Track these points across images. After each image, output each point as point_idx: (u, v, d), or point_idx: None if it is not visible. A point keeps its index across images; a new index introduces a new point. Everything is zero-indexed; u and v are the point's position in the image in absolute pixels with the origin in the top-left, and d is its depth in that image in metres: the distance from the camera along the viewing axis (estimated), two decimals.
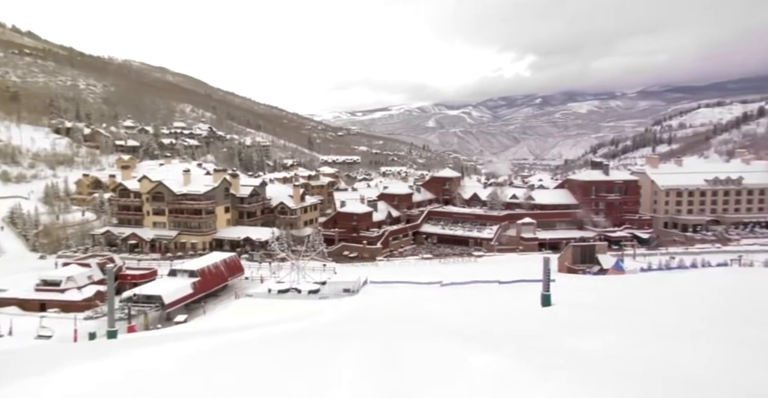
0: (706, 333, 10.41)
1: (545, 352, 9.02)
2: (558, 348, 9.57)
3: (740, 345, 8.79)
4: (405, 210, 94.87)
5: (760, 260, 67.09)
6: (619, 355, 8.29)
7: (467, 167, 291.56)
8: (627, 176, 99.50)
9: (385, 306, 36.26)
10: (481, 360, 7.82)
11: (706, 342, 9.14)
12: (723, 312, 15.16)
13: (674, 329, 11.20)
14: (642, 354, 8.28)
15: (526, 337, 11.79)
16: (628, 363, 7.58)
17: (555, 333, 11.85)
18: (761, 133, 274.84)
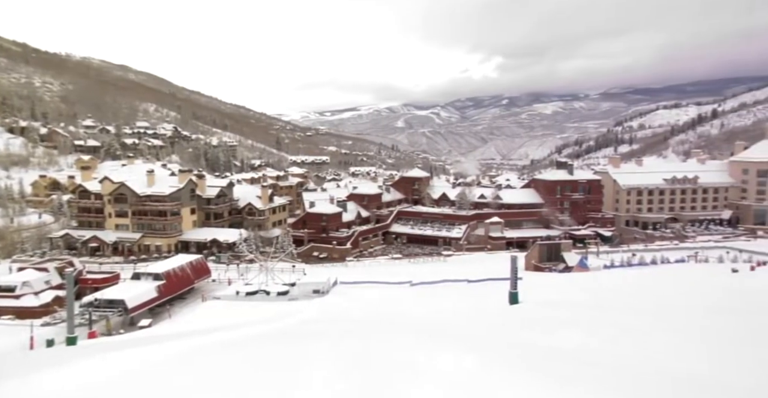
0: (669, 325, 10.73)
1: (513, 349, 9.12)
2: (525, 344, 9.69)
3: (704, 335, 9.08)
4: (374, 210, 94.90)
5: (714, 256, 69.99)
6: (586, 350, 8.45)
7: (436, 167, 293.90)
8: (590, 176, 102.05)
9: (356, 306, 36.16)
10: (450, 358, 7.85)
11: (670, 334, 9.41)
12: (682, 305, 15.69)
13: (638, 323, 11.51)
14: (608, 349, 8.45)
15: (495, 335, 11.90)
16: (594, 358, 7.72)
17: (522, 330, 12.01)
18: (715, 134, 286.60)
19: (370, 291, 48.15)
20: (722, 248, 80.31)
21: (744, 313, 12.81)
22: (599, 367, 6.90)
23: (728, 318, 11.82)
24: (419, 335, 12.16)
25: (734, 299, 16.77)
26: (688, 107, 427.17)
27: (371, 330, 14.77)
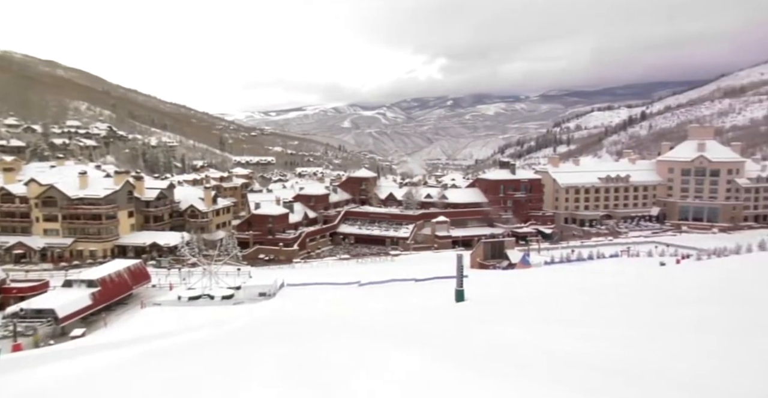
0: (603, 318, 11.20)
1: (460, 346, 9.23)
2: (471, 341, 9.83)
3: (635, 326, 9.52)
4: (322, 211, 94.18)
5: (644, 250, 74.27)
6: (528, 345, 8.65)
7: (383, 167, 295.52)
8: (532, 175, 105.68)
9: (303, 308, 35.69)
10: (398, 357, 7.85)
11: (604, 326, 9.80)
12: (615, 298, 16.46)
13: (576, 316, 11.94)
14: (549, 343, 8.69)
15: (442, 332, 12.01)
16: (536, 352, 7.92)
17: (468, 326, 12.19)
18: (644, 135, 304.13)
19: (317, 293, 47.70)
20: (651, 243, 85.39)
21: (674, 305, 13.57)
22: (542, 361, 7.08)
23: (657, 310, 12.48)
24: (367, 335, 12.11)
25: (662, 291, 17.78)
26: (620, 109, 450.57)
27: (318, 332, 14.58)
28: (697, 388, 5.22)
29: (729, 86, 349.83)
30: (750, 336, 7.99)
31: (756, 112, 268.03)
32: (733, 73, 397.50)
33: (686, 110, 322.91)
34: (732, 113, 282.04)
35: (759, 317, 9.79)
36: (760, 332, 8.22)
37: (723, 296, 14.33)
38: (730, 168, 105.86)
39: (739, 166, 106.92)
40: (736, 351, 6.98)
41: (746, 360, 6.34)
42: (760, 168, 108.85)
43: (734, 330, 8.73)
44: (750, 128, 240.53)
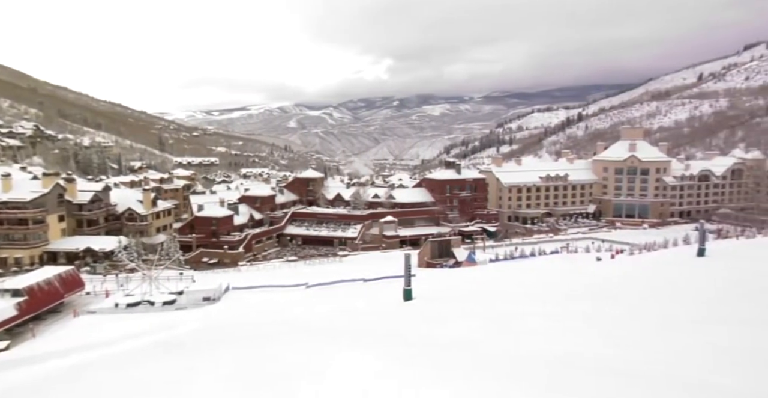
0: (543, 311, 11.58)
1: (408, 343, 9.27)
2: (419, 338, 9.90)
3: (574, 318, 9.90)
4: (268, 212, 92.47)
5: (582, 246, 77.73)
6: (474, 340, 8.80)
7: (330, 167, 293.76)
8: (476, 175, 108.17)
9: (250, 311, 34.89)
10: (349, 357, 7.79)
11: (543, 318, 10.13)
12: (553, 292, 17.09)
13: (518, 310, 12.29)
14: (492, 337, 8.88)
15: (391, 331, 12.03)
16: (483, 347, 8.07)
17: (416, 324, 12.28)
18: (580, 135, 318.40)
19: (264, 295, 46.83)
20: (589, 239, 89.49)
21: (603, 298, 14.22)
22: (484, 355, 7.21)
23: (593, 303, 13.05)
24: (316, 336, 11.96)
25: (597, 284, 18.62)
26: (558, 110, 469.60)
27: (266, 335, 14.26)
28: (626, 372, 5.47)
29: (656, 90, 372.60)
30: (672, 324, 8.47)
31: (680, 114, 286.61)
32: (660, 77, 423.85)
33: (618, 111, 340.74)
34: (659, 115, 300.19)
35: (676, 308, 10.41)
36: (685, 321, 8.73)
37: (645, 288, 15.19)
38: (658, 167, 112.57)
39: (666, 165, 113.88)
40: (656, 338, 7.39)
41: (661, 346, 6.72)
42: (684, 167, 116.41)
43: (658, 319, 9.26)
44: (675, 129, 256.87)
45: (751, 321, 8.54)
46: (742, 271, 16.07)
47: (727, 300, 11.33)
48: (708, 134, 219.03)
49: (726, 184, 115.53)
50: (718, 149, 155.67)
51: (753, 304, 10.38)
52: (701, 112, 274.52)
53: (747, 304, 10.45)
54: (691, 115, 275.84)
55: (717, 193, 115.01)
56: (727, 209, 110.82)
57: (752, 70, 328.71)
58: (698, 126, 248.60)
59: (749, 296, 11.32)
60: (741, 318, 8.84)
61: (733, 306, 10.42)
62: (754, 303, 10.53)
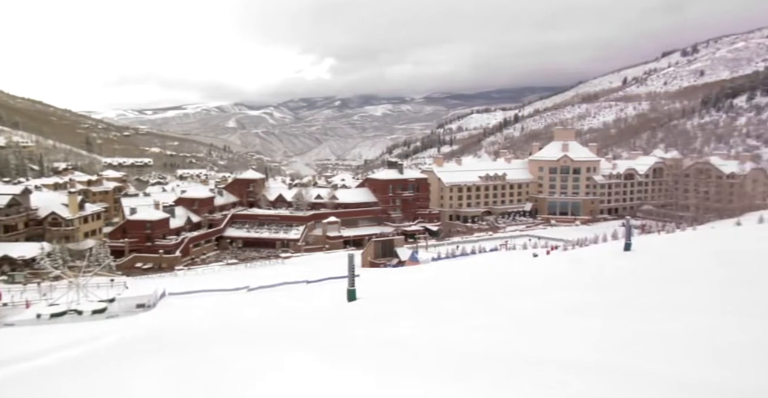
0: (483, 308, 11.88)
1: (352, 343, 9.23)
2: (364, 338, 9.87)
3: (512, 315, 10.19)
4: (206, 215, 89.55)
5: (520, 243, 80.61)
6: (418, 339, 8.87)
7: (271, 168, 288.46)
8: (418, 175, 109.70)
9: (188, 317, 33.58)
10: (294, 360, 7.67)
11: (483, 316, 10.38)
12: (499, 289, 17.59)
13: (460, 307, 12.53)
14: (439, 336, 8.99)
15: (335, 332, 11.94)
16: (427, 345, 8.14)
17: (360, 324, 12.25)
18: (517, 136, 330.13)
19: (203, 300, 45.23)
20: (526, 236, 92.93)
21: (542, 293, 14.78)
22: (427, 354, 7.28)
23: (532, 298, 13.53)
24: (259, 341, 11.67)
25: (534, 280, 19.34)
26: (496, 111, 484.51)
27: (206, 341, 13.76)
28: (566, 364, 5.69)
29: (585, 93, 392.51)
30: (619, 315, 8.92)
31: (607, 116, 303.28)
32: (589, 81, 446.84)
33: (552, 113, 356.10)
34: (589, 117, 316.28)
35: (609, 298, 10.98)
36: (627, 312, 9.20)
37: (580, 282, 15.95)
38: (588, 167, 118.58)
39: (595, 165, 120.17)
40: (592, 327, 7.75)
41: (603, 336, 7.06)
42: (612, 166, 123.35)
43: (593, 310, 9.73)
44: (603, 130, 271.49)
45: (675, 307, 9.13)
46: (664, 263, 17.19)
47: (651, 289, 12.08)
48: (632, 135, 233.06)
49: (649, 182, 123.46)
50: (641, 150, 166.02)
51: (676, 293, 11.11)
52: (626, 114, 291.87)
53: (670, 293, 11.18)
54: (617, 117, 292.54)
55: (641, 190, 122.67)
56: (650, 206, 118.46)
57: (670, 75, 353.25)
58: (624, 127, 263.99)
59: (671, 286, 12.13)
60: (666, 306, 9.43)
61: (657, 294, 11.12)
62: (677, 291, 11.28)
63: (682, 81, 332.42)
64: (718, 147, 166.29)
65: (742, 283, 11.32)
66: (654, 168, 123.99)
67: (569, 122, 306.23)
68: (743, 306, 8.98)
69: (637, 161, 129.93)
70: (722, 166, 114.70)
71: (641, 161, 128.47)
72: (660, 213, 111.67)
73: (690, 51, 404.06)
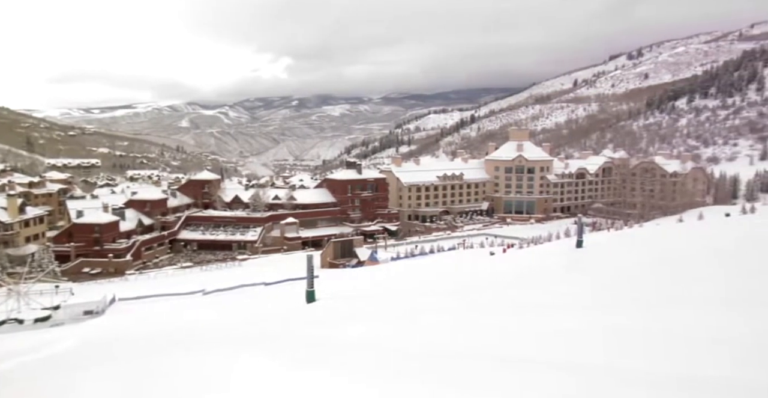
0: (441, 305, 11.94)
1: (312, 345, 9.06)
2: (323, 339, 9.72)
3: (479, 312, 10.28)
4: (159, 217, 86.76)
5: (477, 242, 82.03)
6: (378, 339, 8.80)
7: (227, 168, 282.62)
8: (377, 175, 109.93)
9: (139, 323, 32.32)
10: (250, 363, 7.45)
11: (438, 314, 10.42)
12: (457, 286, 17.76)
13: (419, 305, 12.55)
14: (399, 335, 8.95)
15: (294, 334, 11.72)
16: (387, 345, 8.08)
17: (320, 326, 12.07)
18: (474, 136, 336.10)
19: (156, 306, 43.72)
20: (483, 235, 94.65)
21: (497, 289, 15.02)
22: (388, 353, 7.22)
23: (490, 295, 13.71)
24: (215, 346, 11.31)
25: (491, 277, 19.66)
26: (453, 112, 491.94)
27: (158, 348, 13.23)
28: (527, 361, 5.74)
29: (539, 94, 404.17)
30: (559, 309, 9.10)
31: (559, 117, 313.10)
32: (542, 82, 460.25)
33: (507, 113, 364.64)
34: (542, 118, 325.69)
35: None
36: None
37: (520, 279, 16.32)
38: (542, 166, 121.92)
39: (549, 164, 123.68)
40: (552, 324, 7.89)
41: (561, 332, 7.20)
42: (564, 166, 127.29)
43: (549, 306, 9.94)
44: (555, 131, 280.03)
45: (624, 302, 9.43)
46: (613, 259, 17.80)
47: (603, 285, 12.47)
48: (583, 136, 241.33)
49: (599, 181, 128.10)
50: (591, 149, 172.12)
51: (624, 287, 11.51)
52: (577, 115, 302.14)
53: (619, 288, 11.58)
54: (568, 118, 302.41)
55: (591, 189, 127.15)
56: (600, 204, 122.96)
57: (617, 78, 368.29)
58: (575, 128, 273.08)
59: (621, 282, 12.56)
60: (615, 301, 9.73)
61: (609, 290, 11.49)
62: (625, 286, 11.69)
63: (628, 84, 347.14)
64: (662, 147, 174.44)
65: (684, 278, 11.83)
66: (603, 167, 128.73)
67: (523, 122, 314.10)
68: (685, 300, 9.38)
69: (588, 160, 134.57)
70: (666, 165, 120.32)
71: (591, 161, 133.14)
72: (609, 211, 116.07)
73: (635, 55, 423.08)
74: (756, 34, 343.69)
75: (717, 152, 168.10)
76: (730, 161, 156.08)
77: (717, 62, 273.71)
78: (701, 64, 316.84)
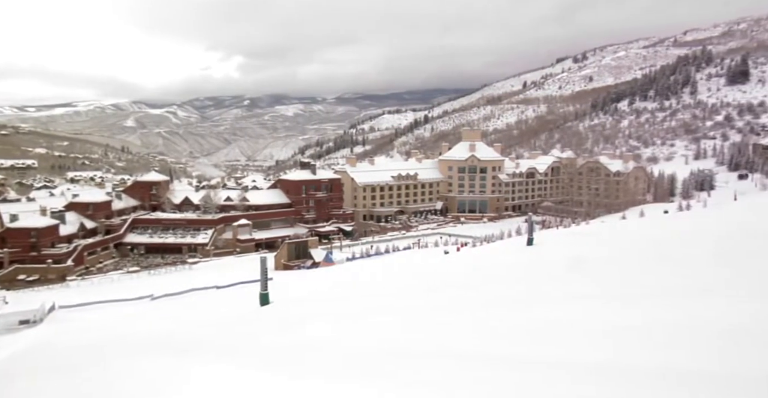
0: (396, 305, 11.97)
1: (266, 348, 8.89)
2: (278, 342, 9.55)
3: (436, 309, 10.35)
4: (103, 220, 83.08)
5: (432, 241, 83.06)
6: (334, 340, 8.72)
7: (176, 169, 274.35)
8: (332, 175, 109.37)
9: (82, 332, 30.81)
10: (202, 370, 7.23)
11: (394, 313, 10.44)
12: (412, 286, 17.88)
13: (373, 305, 12.54)
14: (355, 336, 8.89)
15: (247, 337, 11.47)
16: (342, 346, 8.01)
17: (274, 329, 11.87)
18: (427, 136, 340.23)
19: (100, 312, 41.88)
20: (437, 234, 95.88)
21: (454, 288, 15.22)
22: (344, 354, 7.16)
23: (445, 293, 13.87)
24: (164, 352, 10.90)
25: (446, 276, 19.91)
26: (407, 112, 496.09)
27: (103, 358, 12.62)
28: (487, 358, 5.81)
29: (490, 95, 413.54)
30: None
31: (510, 118, 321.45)
32: (493, 84, 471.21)
33: (459, 114, 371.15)
34: (493, 118, 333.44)
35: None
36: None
37: (476, 275, 16.67)
38: (494, 166, 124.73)
39: (500, 164, 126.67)
40: (508, 319, 8.05)
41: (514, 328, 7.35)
42: (515, 166, 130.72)
43: (504, 302, 10.14)
44: (506, 131, 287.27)
45: (574, 296, 9.74)
46: (562, 255, 18.39)
47: (552, 279, 12.85)
48: (532, 136, 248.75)
49: (548, 180, 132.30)
50: (540, 150, 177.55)
51: (573, 282, 11.90)
52: (526, 116, 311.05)
53: (569, 282, 11.96)
54: (519, 118, 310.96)
55: (541, 188, 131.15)
56: (549, 203, 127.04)
57: (563, 80, 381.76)
58: (524, 129, 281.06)
59: (570, 276, 12.99)
60: (567, 294, 10.04)
61: (558, 284, 11.85)
62: (574, 281, 12.09)
63: (574, 86, 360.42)
64: (606, 147, 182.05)
65: (631, 273, 12.36)
66: (552, 167, 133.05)
67: (475, 123, 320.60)
68: (632, 293, 9.79)
69: (537, 160, 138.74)
70: (609, 165, 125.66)
71: (541, 161, 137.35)
72: (558, 209, 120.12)
73: (580, 58, 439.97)
74: (689, 40, 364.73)
75: (656, 152, 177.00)
76: (668, 161, 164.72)
77: (655, 66, 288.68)
78: (641, 68, 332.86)
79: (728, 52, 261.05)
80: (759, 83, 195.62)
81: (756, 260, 11.35)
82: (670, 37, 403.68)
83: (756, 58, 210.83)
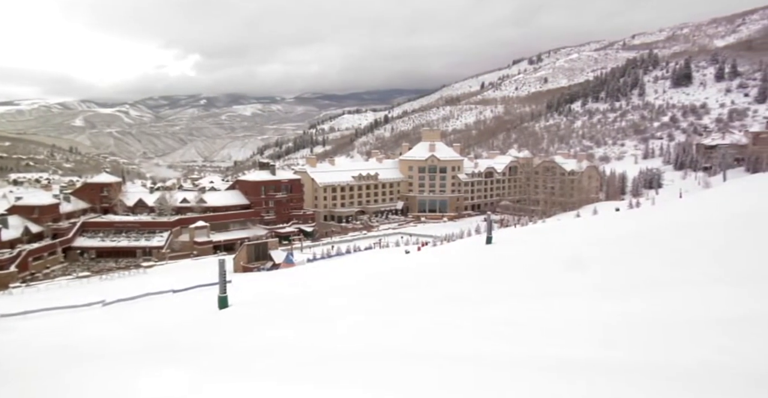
0: (359, 304, 11.98)
1: (224, 353, 8.72)
2: (236, 346, 9.39)
3: (397, 311, 10.39)
4: (50, 224, 79.36)
5: (393, 241, 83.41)
6: (293, 343, 8.64)
7: (129, 171, 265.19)
8: (291, 176, 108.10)
9: (27, 341, 29.35)
10: (157, 376, 7.02)
11: (366, 315, 10.45)
12: (374, 286, 17.91)
13: (339, 308, 12.50)
14: (315, 338, 8.84)
15: (205, 342, 11.23)
16: (302, 348, 7.94)
17: (232, 332, 11.65)
18: (388, 136, 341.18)
19: (47, 320, 39.91)
20: (399, 234, 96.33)
21: (415, 287, 15.34)
22: (303, 357, 7.10)
23: (407, 293, 13.96)
24: (117, 359, 10.52)
25: (406, 276, 20.05)
26: (367, 112, 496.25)
27: (50, 368, 12.06)
28: (454, 357, 5.88)
29: (449, 96, 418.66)
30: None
31: (468, 118, 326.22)
32: (451, 84, 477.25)
33: (419, 114, 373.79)
34: (452, 119, 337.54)
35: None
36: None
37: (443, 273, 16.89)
38: (453, 166, 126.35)
39: (459, 164, 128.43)
40: (472, 317, 8.18)
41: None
42: (474, 165, 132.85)
43: (466, 300, 10.29)
44: (465, 132, 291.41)
45: (533, 292, 10.00)
46: (520, 252, 18.85)
47: (511, 276, 13.15)
48: (490, 136, 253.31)
49: (506, 179, 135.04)
50: (498, 149, 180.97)
51: (532, 278, 12.21)
52: (485, 116, 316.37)
53: (527, 279, 12.27)
54: (477, 119, 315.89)
55: (499, 187, 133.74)
56: (507, 201, 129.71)
57: (520, 81, 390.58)
58: (483, 129, 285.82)
59: (528, 273, 13.32)
60: (526, 291, 10.29)
61: (516, 281, 12.14)
62: (532, 278, 12.40)
63: (530, 87, 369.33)
64: (561, 147, 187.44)
65: (587, 269, 12.79)
66: (510, 166, 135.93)
67: (435, 123, 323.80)
68: (588, 288, 10.13)
69: (496, 160, 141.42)
70: (564, 164, 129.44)
71: (499, 160, 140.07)
72: (516, 208, 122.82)
73: (535, 60, 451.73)
74: (637, 44, 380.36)
75: (608, 152, 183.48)
76: (619, 160, 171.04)
77: (605, 69, 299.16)
78: (592, 70, 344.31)
79: (673, 55, 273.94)
80: (701, 86, 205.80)
81: (702, 250, 11.97)
82: (620, 41, 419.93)
83: (698, 62, 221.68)
